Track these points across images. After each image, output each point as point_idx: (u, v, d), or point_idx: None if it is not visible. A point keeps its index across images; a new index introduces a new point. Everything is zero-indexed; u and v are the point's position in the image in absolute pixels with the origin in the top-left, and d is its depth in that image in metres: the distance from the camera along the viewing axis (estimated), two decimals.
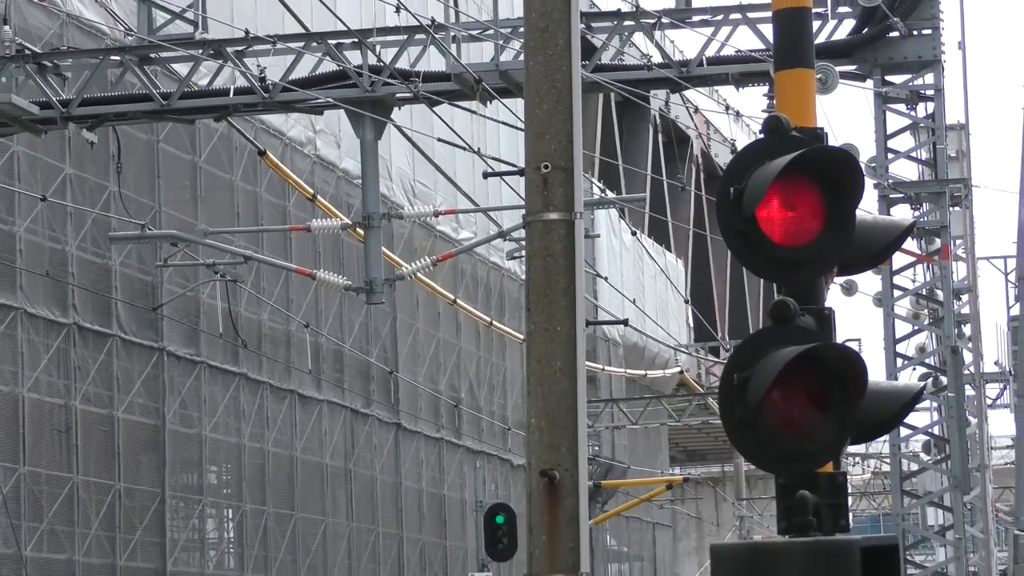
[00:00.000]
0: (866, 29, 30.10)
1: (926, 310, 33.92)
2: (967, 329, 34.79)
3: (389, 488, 49.88)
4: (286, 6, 26.92)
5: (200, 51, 29.85)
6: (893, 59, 30.60)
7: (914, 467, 34.81)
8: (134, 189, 37.41)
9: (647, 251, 68.19)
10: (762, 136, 10.95)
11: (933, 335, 34.39)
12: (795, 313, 10.72)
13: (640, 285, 65.92)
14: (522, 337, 36.42)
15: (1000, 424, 55.94)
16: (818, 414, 10.57)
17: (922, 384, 13.18)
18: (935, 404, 33.23)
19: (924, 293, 33.93)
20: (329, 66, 29.79)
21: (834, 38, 29.87)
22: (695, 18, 29.74)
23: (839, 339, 11.00)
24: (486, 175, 34.96)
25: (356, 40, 29.64)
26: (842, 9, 29.80)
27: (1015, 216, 38.26)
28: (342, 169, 45.21)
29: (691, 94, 56.73)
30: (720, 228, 11.02)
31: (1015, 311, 46.70)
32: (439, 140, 34.43)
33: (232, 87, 30.12)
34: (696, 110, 71.70)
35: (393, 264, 35.24)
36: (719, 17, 29.54)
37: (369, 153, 30.39)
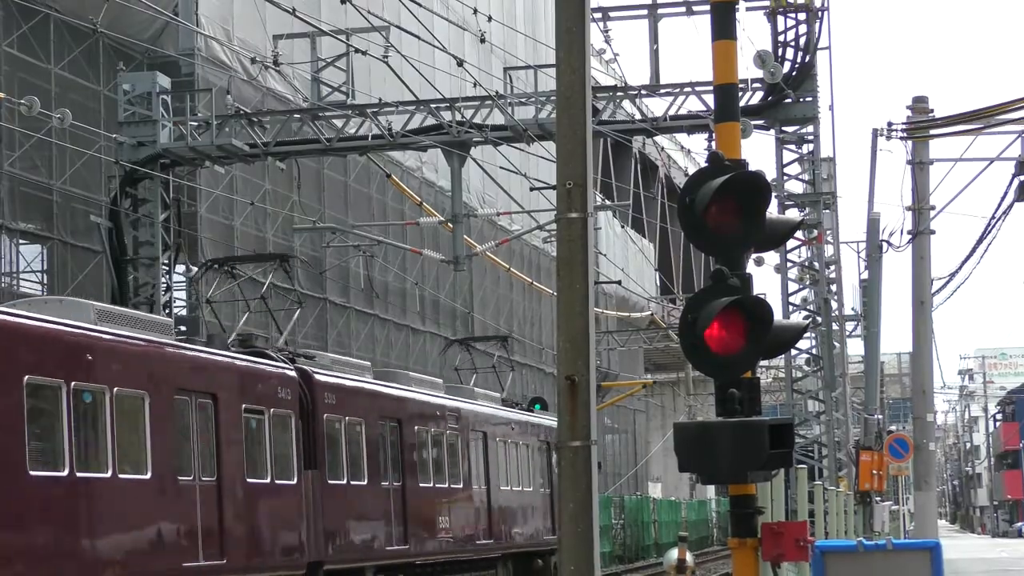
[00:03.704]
0: (770, 97, 29.99)
1: (807, 275, 33.78)
2: (834, 288, 34.57)
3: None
4: (404, 83, 26.86)
5: (350, 111, 29.86)
6: (787, 116, 30.48)
7: (800, 374, 34.70)
8: (307, 198, 37.45)
9: (630, 238, 68.05)
10: (706, 165, 10.90)
11: (812, 291, 34.26)
12: (727, 276, 10.64)
13: (626, 260, 65.74)
14: (552, 292, 36.26)
15: (854, 348, 56.10)
16: (742, 340, 10.49)
17: (806, 322, 13.13)
18: (814, 335, 33.08)
19: (807, 265, 33.78)
20: (430, 120, 29.79)
21: (751, 103, 29.78)
22: (662, 91, 29.67)
23: (755, 293, 10.93)
24: (532, 189, 34.92)
25: (448, 104, 29.61)
26: (755, 84, 29.71)
27: (864, 216, 38.09)
28: (439, 185, 45.18)
29: (659, 139, 56.55)
30: (680, 223, 10.97)
31: (864, 276, 46.61)
32: (500, 167, 34.37)
33: (370, 134, 30.14)
34: (662, 149, 71.42)
35: (470, 246, 35.24)
36: (677, 90, 29.48)
37: (456, 175, 30.38)
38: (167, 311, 29.48)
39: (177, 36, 32.44)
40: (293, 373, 22.10)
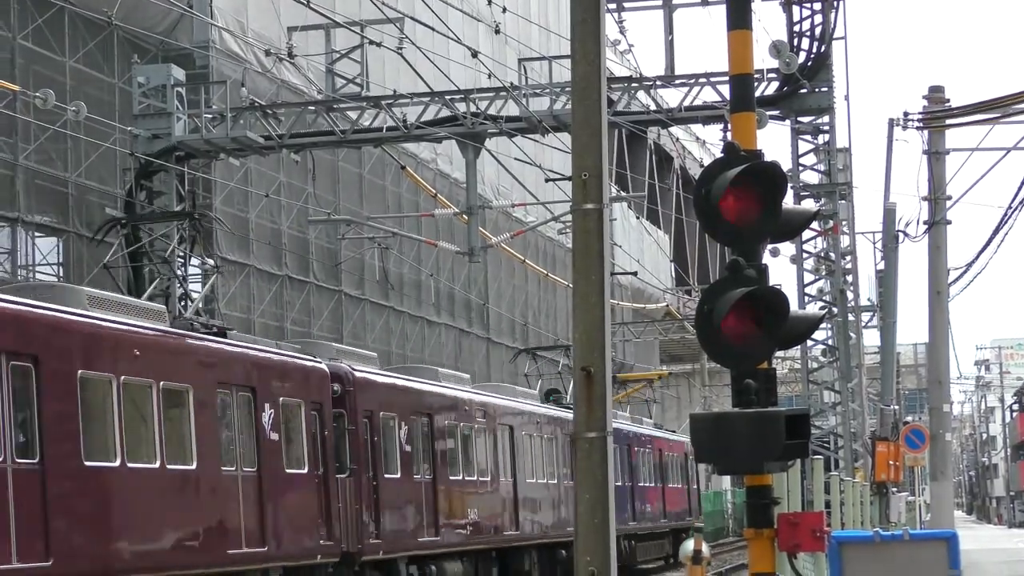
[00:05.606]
0: (785, 87, 29.96)
1: (823, 266, 33.75)
2: (850, 278, 34.53)
3: (484, 379, 49.89)
4: (419, 75, 26.87)
5: (364, 103, 29.87)
6: (802, 106, 30.47)
7: (816, 365, 34.67)
8: (323, 190, 37.48)
9: (646, 229, 68.02)
10: (722, 155, 10.88)
11: (828, 282, 34.22)
12: (743, 267, 10.61)
13: (641, 251, 65.69)
14: (567, 283, 36.16)
15: (870, 338, 55.78)
16: (758, 331, 10.46)
17: (822, 312, 13.14)
18: (830, 325, 33.05)
19: (822, 255, 33.76)
20: (445, 112, 29.78)
21: (766, 93, 29.74)
22: (677, 81, 29.65)
23: (771, 284, 10.91)
24: (547, 180, 34.90)
25: (463, 96, 29.62)
26: (770, 74, 29.69)
27: (880, 206, 38.05)
28: (453, 177, 45.18)
29: (674, 129, 56.48)
30: (696, 213, 10.95)
31: (880, 266, 46.55)
32: (515, 159, 34.36)
33: (384, 126, 30.14)
34: (677, 140, 71.47)
35: (485, 237, 35.22)
36: (692, 80, 29.45)
37: (471, 167, 30.38)
38: (183, 303, 29.54)
39: (192, 28, 32.47)
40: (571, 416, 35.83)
